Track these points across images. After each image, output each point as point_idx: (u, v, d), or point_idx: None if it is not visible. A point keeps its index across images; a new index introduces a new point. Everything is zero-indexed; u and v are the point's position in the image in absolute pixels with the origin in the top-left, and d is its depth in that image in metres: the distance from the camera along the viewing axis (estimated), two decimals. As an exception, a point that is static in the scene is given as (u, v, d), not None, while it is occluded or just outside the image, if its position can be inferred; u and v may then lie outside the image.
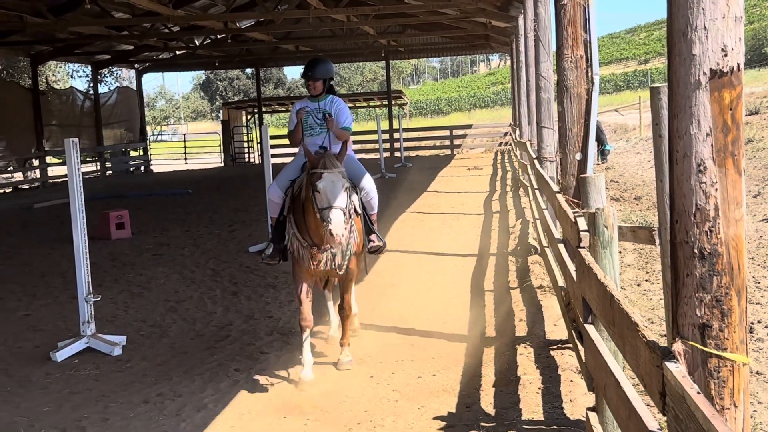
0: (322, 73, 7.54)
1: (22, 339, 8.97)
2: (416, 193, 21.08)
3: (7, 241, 16.86)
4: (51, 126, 32.92)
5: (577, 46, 7.60)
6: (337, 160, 6.64)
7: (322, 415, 6.26)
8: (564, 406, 5.94)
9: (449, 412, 6.15)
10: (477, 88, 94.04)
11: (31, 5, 22.34)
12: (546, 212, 9.88)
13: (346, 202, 6.46)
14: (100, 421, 6.37)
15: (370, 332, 8.53)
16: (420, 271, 11.54)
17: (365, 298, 9.91)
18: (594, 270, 4.07)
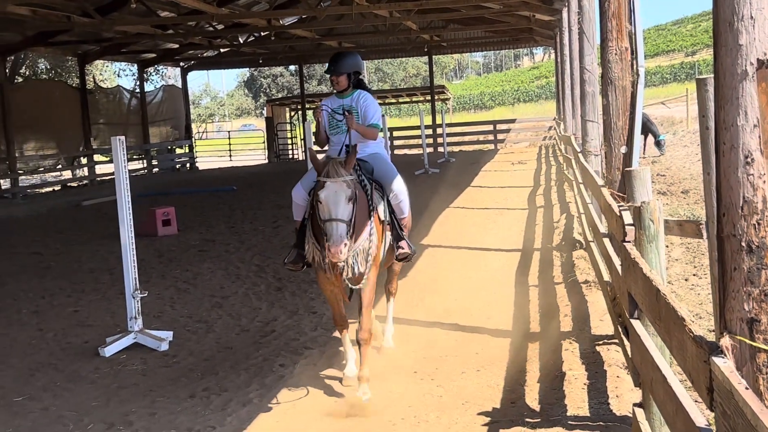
0: (346, 68, 7.08)
1: (72, 334, 9.11)
2: (459, 189, 21.03)
3: (57, 237, 17.14)
4: (98, 124, 33.37)
5: (622, 38, 7.51)
6: (343, 168, 6.08)
7: (363, 410, 6.26)
8: (610, 401, 5.89)
9: (493, 407, 6.13)
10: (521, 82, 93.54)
11: (78, 5, 22.64)
12: (591, 206, 9.80)
13: (349, 214, 5.96)
14: (147, 416, 6.45)
15: (414, 327, 8.52)
16: (463, 266, 11.51)
17: (409, 294, 9.92)
18: (639, 264, 4.03)
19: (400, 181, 7.07)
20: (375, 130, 7.15)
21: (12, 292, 11.57)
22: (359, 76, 7.29)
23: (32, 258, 14.58)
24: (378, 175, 6.80)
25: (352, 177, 6.10)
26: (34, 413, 6.66)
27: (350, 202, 5.95)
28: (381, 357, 7.54)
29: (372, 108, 7.13)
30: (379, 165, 6.97)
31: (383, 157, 7.23)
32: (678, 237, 9.73)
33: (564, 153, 21.00)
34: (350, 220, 5.93)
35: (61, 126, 30.93)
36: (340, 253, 5.79)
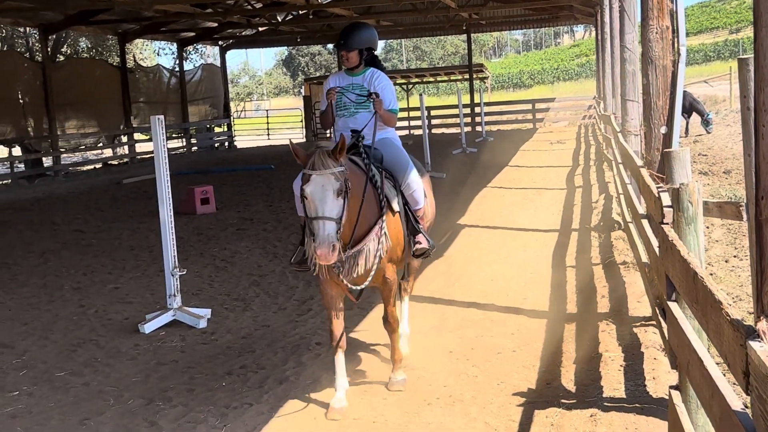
0: (358, 42, 6.30)
1: (112, 311, 9.25)
2: (497, 168, 20.95)
3: (98, 215, 17.37)
4: (138, 103, 33.64)
5: (663, 17, 7.42)
6: (331, 158, 5.27)
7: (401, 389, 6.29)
8: (647, 383, 5.88)
9: (529, 388, 6.13)
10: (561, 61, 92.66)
11: (118, -16, 22.80)
12: (630, 187, 9.72)
13: (339, 210, 5.22)
14: (185, 392, 6.54)
15: (450, 307, 8.54)
16: (500, 246, 11.49)
17: (445, 274, 9.95)
18: (677, 247, 4.00)
19: (413, 172, 6.31)
20: (394, 116, 6.45)
21: (54, 269, 11.77)
22: (372, 53, 6.53)
23: (74, 235, 14.79)
24: (389, 163, 6.16)
25: (342, 168, 5.29)
26: (76, 388, 6.78)
27: (339, 197, 5.23)
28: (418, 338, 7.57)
29: (389, 91, 6.40)
30: (390, 152, 6.29)
31: (394, 142, 6.46)
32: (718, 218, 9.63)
33: (603, 132, 20.83)
34: (340, 218, 5.21)
35: (102, 104, 31.26)
36: (328, 256, 5.09)
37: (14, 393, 6.74)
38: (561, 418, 5.45)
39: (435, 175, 19.77)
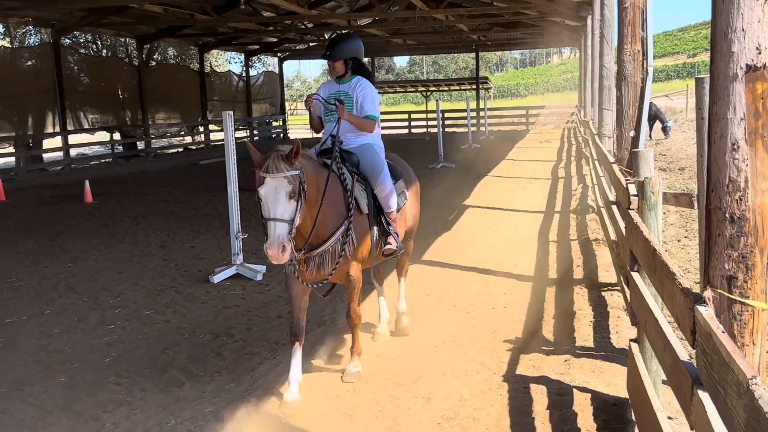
0: (342, 53, 5.46)
1: (189, 265, 9.31)
2: (496, 161, 20.81)
3: (180, 189, 17.46)
4: (213, 101, 33.74)
5: (635, 42, 7.33)
6: (284, 162, 4.50)
7: (412, 335, 6.28)
8: (611, 337, 5.85)
9: (516, 337, 6.12)
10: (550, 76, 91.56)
11: (200, 5, 22.79)
12: (603, 179, 9.64)
13: (291, 212, 4.46)
14: (244, 330, 6.59)
15: (455, 270, 8.53)
16: (497, 223, 11.44)
17: (451, 245, 9.92)
18: (641, 228, 3.96)
19: (385, 175, 5.39)
20: (370, 122, 5.47)
21: (144, 230, 11.86)
22: (359, 63, 5.63)
23: (160, 204, 14.88)
24: (364, 167, 5.34)
25: (296, 172, 4.50)
26: (159, 324, 6.85)
27: (292, 200, 4.47)
28: (427, 294, 7.57)
29: (369, 98, 5.49)
30: (367, 157, 5.41)
31: (373, 148, 5.51)
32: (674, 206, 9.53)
33: (583, 135, 20.63)
34: (292, 219, 4.46)
35: (184, 101, 31.39)
36: (278, 256, 4.38)
37: (110, 326, 6.82)
38: (541, 361, 5.43)
39: (446, 164, 19.72)
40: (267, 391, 5.14)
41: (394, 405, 4.82)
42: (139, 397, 5.12)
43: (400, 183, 5.75)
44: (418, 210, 6.34)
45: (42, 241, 11.07)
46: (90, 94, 26.09)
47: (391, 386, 5.13)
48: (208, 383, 5.35)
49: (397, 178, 5.68)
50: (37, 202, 15.83)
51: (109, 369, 5.70)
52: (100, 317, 7.10)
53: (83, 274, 8.88)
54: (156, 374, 5.56)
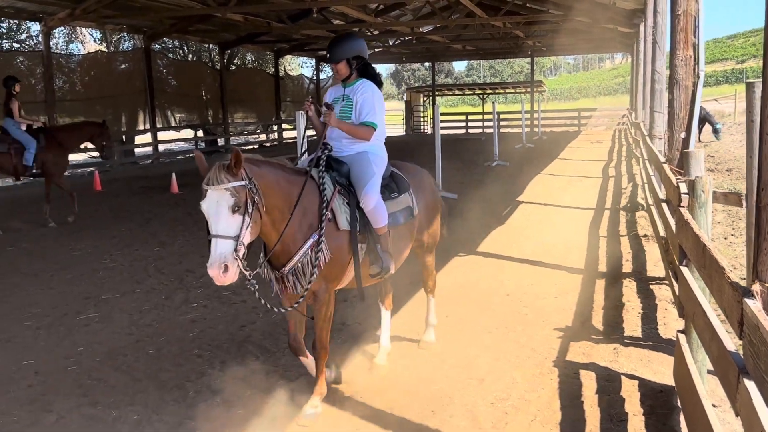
0: (343, 53, 4.70)
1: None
2: (549, 159, 20.51)
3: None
4: (286, 102, 34.19)
5: (687, 48, 7.13)
6: (227, 173, 3.80)
7: (466, 320, 6.27)
8: (659, 328, 5.72)
9: (566, 325, 6.04)
10: (602, 80, 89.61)
11: (277, 14, 23.08)
12: (653, 178, 9.40)
13: (236, 228, 3.75)
14: (313, 312, 6.59)
15: (508, 262, 8.45)
16: (549, 219, 11.28)
17: (505, 237, 9.84)
18: (691, 224, 3.87)
19: (372, 188, 4.49)
20: (365, 130, 4.62)
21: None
22: (363, 62, 4.82)
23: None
24: (352, 177, 4.53)
25: (241, 183, 3.80)
26: (236, 304, 6.98)
27: (237, 214, 3.76)
28: (481, 282, 7.52)
29: (369, 103, 4.66)
30: (357, 167, 4.56)
31: (367, 158, 4.63)
32: (722, 205, 9.24)
33: (633, 136, 20.16)
34: (237, 236, 3.75)
35: (260, 102, 31.91)
36: (219, 277, 3.71)
37: (194, 305, 7.00)
38: (591, 349, 5.35)
39: (501, 163, 19.52)
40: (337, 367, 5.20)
41: (449, 385, 4.83)
42: (218, 368, 5.25)
43: (404, 196, 4.88)
44: (435, 224, 5.40)
45: (133, 227, 11.42)
46: (176, 94, 26.76)
47: (446, 367, 5.14)
48: (280, 358, 5.45)
49: (401, 190, 4.87)
50: (129, 192, 16.34)
51: (193, 343, 5.85)
52: (185, 296, 7.29)
53: (170, 257, 9.13)
54: (233, 349, 5.69)
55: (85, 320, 6.56)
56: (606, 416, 4.22)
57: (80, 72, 22.39)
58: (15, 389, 5.01)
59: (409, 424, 4.26)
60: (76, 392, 4.92)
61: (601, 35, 30.60)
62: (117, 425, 4.41)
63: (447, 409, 4.44)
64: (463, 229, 10.18)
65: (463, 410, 4.42)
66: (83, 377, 5.19)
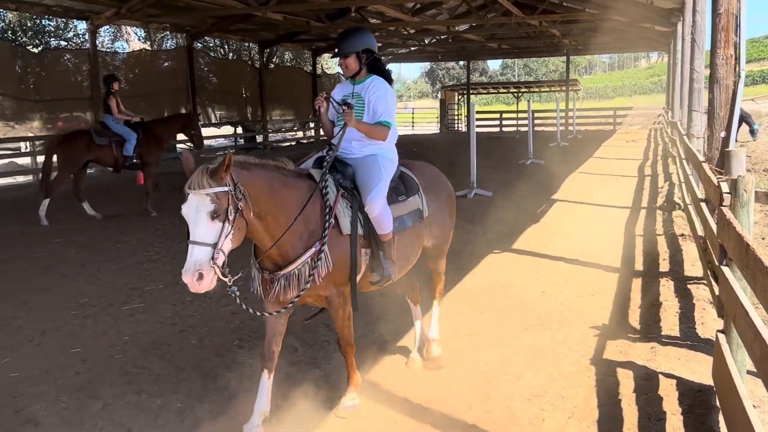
0: (352, 46, 4.38)
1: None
2: (584, 158, 20.25)
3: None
4: (323, 99, 34.31)
5: (728, 47, 6.98)
6: (209, 177, 3.56)
7: (502, 317, 6.23)
8: (696, 327, 5.61)
9: (603, 323, 5.96)
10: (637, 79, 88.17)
11: (315, 14, 23.17)
12: (691, 177, 9.22)
13: (215, 235, 3.54)
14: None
15: (543, 260, 8.37)
16: (584, 217, 11.14)
17: (541, 235, 9.75)
18: (733, 224, 3.78)
19: (377, 193, 4.22)
20: (382, 129, 4.37)
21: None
22: (373, 56, 4.48)
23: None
24: (358, 181, 4.29)
25: (224, 189, 3.57)
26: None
27: (216, 221, 3.55)
28: (517, 279, 7.46)
29: (383, 101, 4.38)
30: (362, 170, 4.31)
31: (376, 160, 4.37)
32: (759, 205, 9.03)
33: (670, 135, 19.81)
34: (215, 243, 3.55)
35: (298, 100, 32.07)
36: (193, 285, 3.54)
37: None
38: (628, 347, 5.27)
39: (535, 161, 19.35)
40: (371, 361, 5.21)
41: (486, 380, 4.80)
42: (258, 360, 5.29)
43: (413, 199, 4.60)
44: (448, 227, 5.05)
45: (175, 221, 11.55)
46: (217, 92, 27.06)
47: (482, 364, 5.11)
48: (318, 350, 5.48)
49: (410, 192, 4.59)
50: (170, 186, 16.51)
51: (234, 334, 5.91)
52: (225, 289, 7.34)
53: (210, 251, 9.21)
54: (273, 341, 5.73)
55: (129, 310, 6.68)
56: (644, 414, 4.16)
57: (125, 69, 22.76)
58: (63, 376, 5.12)
59: (446, 419, 4.25)
60: (122, 380, 5.01)
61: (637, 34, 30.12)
62: (161, 413, 4.48)
63: (484, 405, 4.42)
64: (498, 226, 10.12)
65: (500, 406, 4.40)
66: (128, 365, 5.28)
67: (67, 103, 20.68)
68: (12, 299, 7.16)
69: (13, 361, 5.42)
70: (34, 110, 20.14)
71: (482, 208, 11.85)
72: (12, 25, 27.43)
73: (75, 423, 4.38)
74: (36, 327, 6.26)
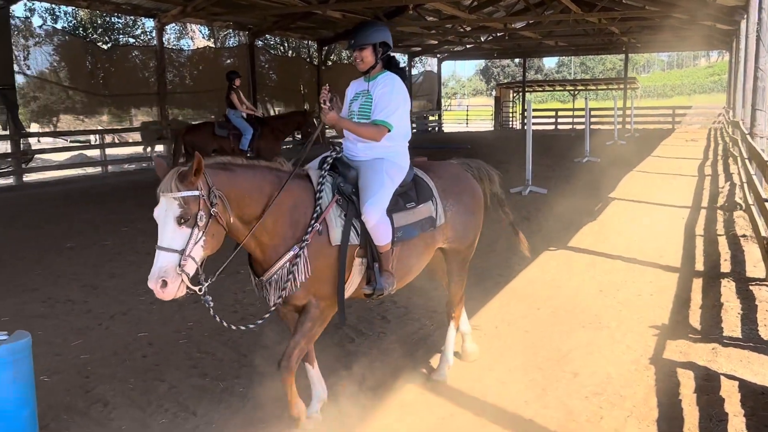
0: (368, 38, 4.04)
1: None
2: (642, 157, 19.73)
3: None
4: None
5: (799, 43, 6.68)
6: (179, 182, 3.33)
7: (558, 315, 6.12)
8: (759, 329, 5.42)
9: (662, 323, 5.80)
10: (697, 78, 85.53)
11: (373, 12, 23.20)
12: (754, 177, 8.90)
13: (182, 241, 3.32)
14: (406, 298, 6.50)
15: (600, 258, 8.20)
16: (642, 216, 10.86)
17: (597, 233, 9.56)
18: (804, 224, 3.62)
19: (375, 202, 3.85)
20: (376, 130, 3.98)
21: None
22: (388, 51, 4.15)
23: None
24: (360, 186, 3.94)
25: (193, 193, 3.34)
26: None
27: (184, 226, 3.32)
28: (572, 276, 7.33)
29: (386, 98, 4.02)
30: (366, 175, 3.95)
31: (381, 166, 3.98)
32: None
33: (731, 134, 19.15)
34: (182, 250, 3.31)
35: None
36: (157, 292, 3.30)
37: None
38: (688, 348, 5.12)
39: (592, 159, 18.96)
40: (428, 353, 5.20)
41: (542, 377, 4.73)
42: (317, 348, 5.33)
43: (425, 206, 4.18)
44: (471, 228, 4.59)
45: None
46: (277, 88, 27.40)
47: (539, 360, 5.04)
48: (374, 341, 5.49)
49: (422, 199, 4.19)
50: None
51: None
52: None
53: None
54: (331, 330, 5.74)
55: (194, 297, 6.81)
56: (705, 415, 4.03)
57: (189, 66, 23.26)
58: (131, 359, 5.27)
59: (503, 413, 4.20)
60: (186, 364, 5.12)
61: (697, 32, 29.18)
62: (224, 396, 4.57)
63: (540, 400, 4.36)
64: (554, 223, 9.96)
65: (557, 403, 4.33)
66: (193, 350, 5.40)
67: (135, 98, 21.27)
68: (82, 284, 7.41)
69: (83, 344, 5.61)
70: (103, 104, 20.79)
71: (537, 205, 11.68)
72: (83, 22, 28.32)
73: (142, 404, 4.50)
74: (105, 311, 6.46)
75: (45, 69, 19.11)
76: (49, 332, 5.80)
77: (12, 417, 3.71)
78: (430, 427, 4.09)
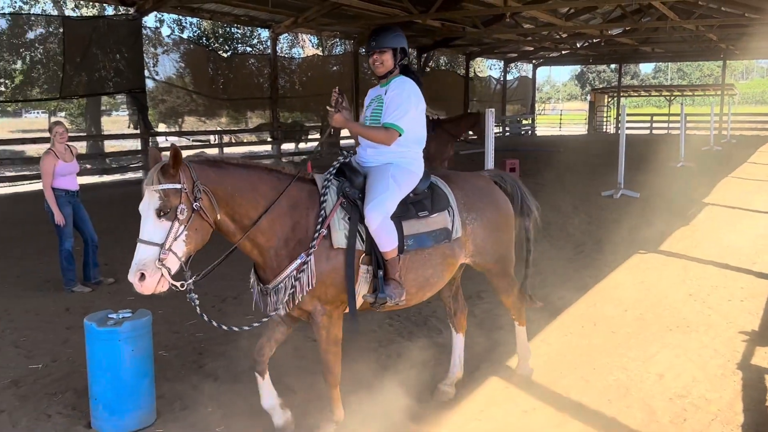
0: (387, 41, 3.75)
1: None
2: (737, 163, 18.62)
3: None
4: (473, 101, 34.13)
5: None
6: (161, 174, 3.16)
7: (645, 317, 5.88)
8: None
9: (752, 329, 5.47)
10: (801, 85, 79.55)
11: (471, 20, 23.01)
12: None
13: (162, 235, 3.12)
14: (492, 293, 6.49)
15: (691, 262, 7.80)
16: (736, 222, 10.25)
17: (690, 238, 9.12)
18: None
19: (376, 205, 3.52)
20: (385, 133, 3.68)
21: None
22: (405, 56, 3.86)
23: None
24: (365, 191, 3.63)
25: (174, 186, 3.14)
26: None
27: (164, 220, 3.13)
28: (663, 281, 7.02)
29: (396, 101, 3.70)
30: (371, 179, 3.66)
31: (388, 171, 3.67)
32: None
33: (836, 141, 17.69)
34: (162, 244, 3.11)
35: (450, 101, 32.06)
36: (136, 285, 3.12)
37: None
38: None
39: (686, 164, 18.02)
40: (509, 348, 5.12)
41: (627, 377, 4.57)
42: (406, 338, 5.38)
43: (439, 216, 3.80)
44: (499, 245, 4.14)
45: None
46: (378, 94, 27.73)
47: (625, 360, 4.87)
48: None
49: (436, 208, 3.81)
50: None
51: (385, 314, 6.02)
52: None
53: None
54: (420, 321, 5.80)
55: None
56: (795, 426, 3.77)
57: (299, 73, 23.91)
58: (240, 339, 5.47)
59: (584, 410, 4.09)
60: (289, 346, 5.25)
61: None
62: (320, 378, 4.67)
63: (624, 400, 4.21)
64: (645, 227, 9.57)
65: (640, 403, 4.16)
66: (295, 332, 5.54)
67: (250, 102, 22.11)
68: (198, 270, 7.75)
69: (198, 324, 5.87)
70: (222, 107, 21.74)
71: (629, 208, 11.24)
72: (206, 32, 29.65)
73: (247, 381, 4.66)
74: (218, 295, 6.75)
75: (172, 74, 20.21)
76: (169, 312, 6.11)
77: (132, 386, 3.96)
78: (514, 419, 4.04)
